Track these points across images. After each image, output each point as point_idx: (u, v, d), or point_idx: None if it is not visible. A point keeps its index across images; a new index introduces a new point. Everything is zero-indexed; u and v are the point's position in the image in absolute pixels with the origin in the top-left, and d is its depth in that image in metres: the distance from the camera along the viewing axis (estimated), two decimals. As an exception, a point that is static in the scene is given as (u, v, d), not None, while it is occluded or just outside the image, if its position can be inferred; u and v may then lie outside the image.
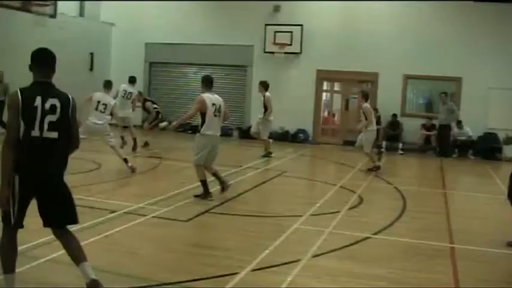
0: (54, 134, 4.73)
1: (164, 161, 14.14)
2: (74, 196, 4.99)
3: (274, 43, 20.89)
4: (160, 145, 16.79)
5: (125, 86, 16.06)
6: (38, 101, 4.66)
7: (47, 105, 4.70)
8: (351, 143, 19.70)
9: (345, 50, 20.37)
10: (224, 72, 22.31)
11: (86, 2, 22.73)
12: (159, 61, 23.21)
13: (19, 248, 4.96)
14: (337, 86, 22.32)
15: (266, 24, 21.04)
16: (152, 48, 23.02)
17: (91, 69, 22.47)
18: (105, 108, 12.05)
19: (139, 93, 16.98)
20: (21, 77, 15.38)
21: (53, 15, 13.28)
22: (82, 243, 6.16)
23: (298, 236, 7.72)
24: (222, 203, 9.43)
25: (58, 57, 4.83)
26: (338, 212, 9.18)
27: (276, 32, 20.90)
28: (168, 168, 13.34)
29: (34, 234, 5.99)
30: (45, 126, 4.68)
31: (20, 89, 4.69)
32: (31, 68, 4.83)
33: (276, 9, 21.12)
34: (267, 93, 15.79)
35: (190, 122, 15.58)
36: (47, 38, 18.41)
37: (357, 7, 20.30)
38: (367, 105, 14.06)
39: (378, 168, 14.11)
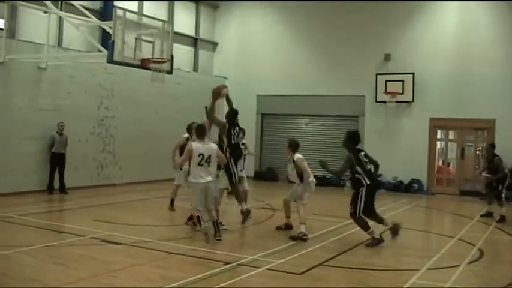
0: None
1: (278, 213, 14.20)
2: (188, 246, 5.18)
3: (386, 92, 20.75)
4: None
5: None
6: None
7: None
8: (468, 193, 19.01)
9: (459, 97, 19.84)
10: (335, 122, 22.45)
11: (200, 58, 23.73)
12: (271, 112, 23.67)
13: None
14: (451, 134, 21.73)
15: (377, 74, 20.99)
16: (264, 100, 23.54)
17: (207, 122, 23.10)
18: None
19: None
20: (137, 127, 15.88)
21: (170, 72, 13.99)
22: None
23: (415, 292, 7.51)
24: (336, 256, 9.35)
25: (175, 111, 5.16)
26: (457, 266, 8.85)
27: (387, 81, 20.80)
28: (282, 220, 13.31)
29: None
30: None
31: None
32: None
33: (387, 58, 21.03)
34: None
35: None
36: (165, 92, 19.37)
37: (470, 51, 19.76)
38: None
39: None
